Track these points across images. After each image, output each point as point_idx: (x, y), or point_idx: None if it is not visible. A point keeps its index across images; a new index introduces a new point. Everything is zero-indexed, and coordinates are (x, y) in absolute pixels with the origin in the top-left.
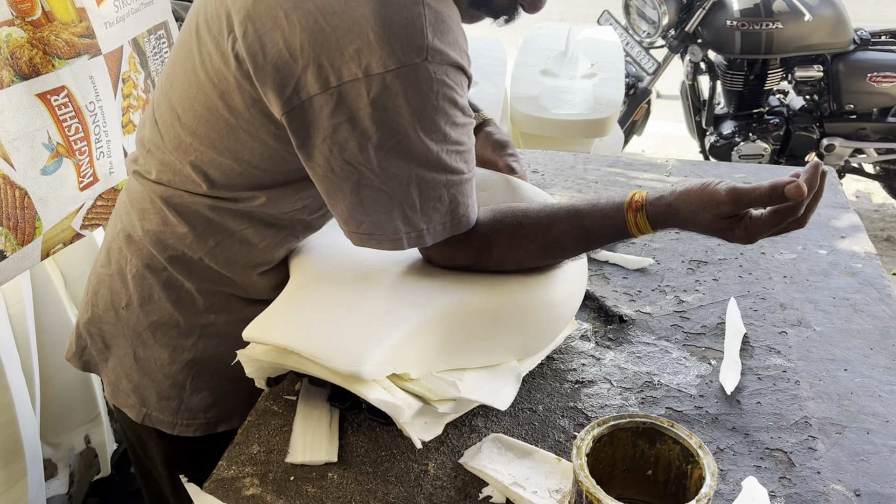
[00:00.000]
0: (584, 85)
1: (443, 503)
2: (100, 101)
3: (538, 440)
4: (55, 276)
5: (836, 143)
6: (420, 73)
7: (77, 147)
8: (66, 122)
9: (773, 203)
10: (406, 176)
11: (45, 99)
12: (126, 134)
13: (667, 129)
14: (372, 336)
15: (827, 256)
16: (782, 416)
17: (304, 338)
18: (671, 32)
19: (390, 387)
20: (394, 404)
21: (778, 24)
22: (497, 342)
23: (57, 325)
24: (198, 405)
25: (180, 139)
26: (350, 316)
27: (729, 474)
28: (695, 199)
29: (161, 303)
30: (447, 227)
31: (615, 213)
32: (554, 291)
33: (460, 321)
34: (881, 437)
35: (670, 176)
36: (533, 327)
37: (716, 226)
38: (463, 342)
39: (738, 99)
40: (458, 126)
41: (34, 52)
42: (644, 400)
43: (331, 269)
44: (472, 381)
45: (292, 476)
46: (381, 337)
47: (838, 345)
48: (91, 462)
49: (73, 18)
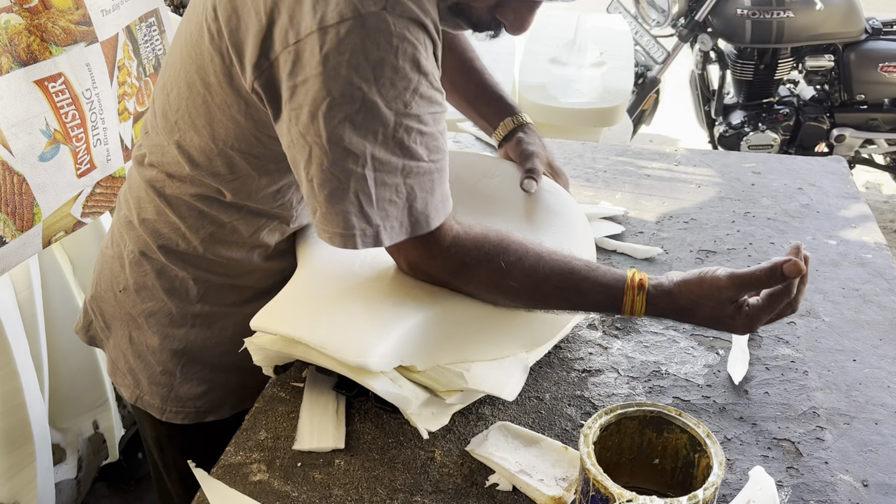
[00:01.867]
0: (592, 74)
1: (449, 490)
2: (96, 88)
3: (545, 428)
4: (63, 262)
5: (847, 133)
6: (378, 23)
7: (74, 134)
8: (64, 108)
9: (772, 283)
10: (360, 155)
11: (42, 86)
12: (122, 121)
13: (676, 118)
14: (379, 327)
15: (836, 247)
16: (790, 406)
17: (311, 328)
18: (681, 21)
19: (397, 377)
20: (401, 395)
21: (789, 12)
22: (504, 333)
23: (65, 311)
24: (187, 394)
25: (167, 117)
26: (357, 306)
27: (736, 464)
28: (695, 287)
29: (155, 290)
30: (404, 226)
31: (614, 287)
32: None
33: (468, 313)
34: (889, 427)
35: (678, 165)
36: (540, 317)
37: (719, 313)
38: (471, 334)
39: (747, 88)
40: (422, 99)
41: (32, 38)
42: (651, 389)
43: (340, 258)
44: (479, 371)
45: (299, 462)
46: (388, 328)
47: (847, 335)
48: (99, 447)
49: (69, 6)
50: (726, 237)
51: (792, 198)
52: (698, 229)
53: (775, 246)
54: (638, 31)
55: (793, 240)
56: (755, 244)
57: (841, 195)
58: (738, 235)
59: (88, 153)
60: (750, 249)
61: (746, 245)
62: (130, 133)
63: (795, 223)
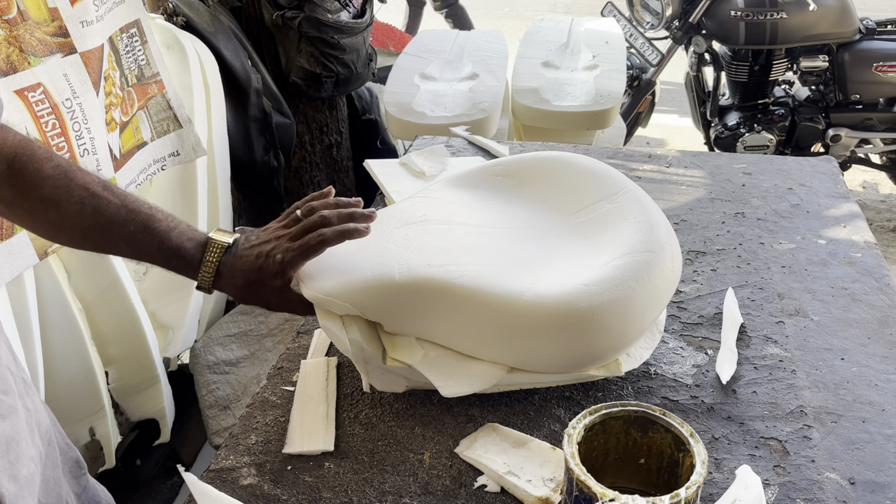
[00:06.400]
0: (585, 77)
1: (438, 492)
2: (77, 98)
3: (533, 429)
4: (58, 271)
5: (842, 133)
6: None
7: (55, 143)
8: (44, 118)
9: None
10: None
11: (22, 95)
12: (110, 131)
13: (672, 120)
14: (344, 274)
15: (826, 246)
16: (778, 405)
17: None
18: (675, 23)
19: (350, 324)
20: (336, 335)
21: (782, 13)
22: (510, 347)
23: (61, 318)
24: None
25: None
26: (352, 258)
27: (723, 463)
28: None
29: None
30: None
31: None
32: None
33: (470, 303)
34: (876, 425)
35: (670, 167)
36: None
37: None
38: (468, 329)
39: (742, 90)
40: None
41: (11, 49)
42: (640, 389)
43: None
44: (443, 360)
45: (289, 466)
46: (350, 277)
47: (836, 334)
48: (96, 454)
49: (45, 18)
50: (716, 238)
51: (782, 198)
52: (688, 230)
53: (765, 246)
54: (632, 34)
55: (783, 240)
56: (745, 244)
57: (831, 195)
58: (728, 236)
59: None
60: (740, 250)
61: (736, 245)
62: (118, 143)
63: (785, 223)
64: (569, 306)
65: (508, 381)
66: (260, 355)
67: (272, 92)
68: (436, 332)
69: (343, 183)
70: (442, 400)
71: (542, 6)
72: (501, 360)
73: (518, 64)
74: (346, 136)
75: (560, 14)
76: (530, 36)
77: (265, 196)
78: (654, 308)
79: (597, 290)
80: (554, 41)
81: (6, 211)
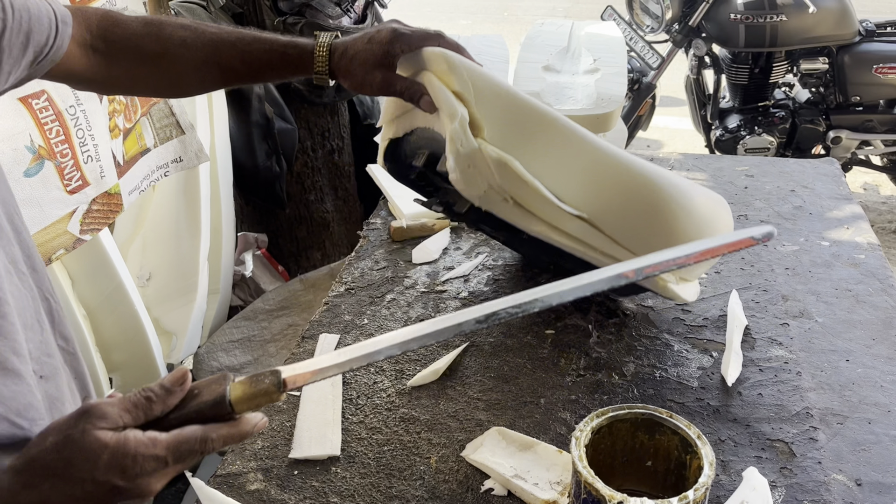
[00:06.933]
0: (586, 80)
1: (445, 496)
2: (81, 105)
3: (540, 433)
4: (62, 277)
5: (843, 135)
6: None
7: (58, 150)
8: (48, 125)
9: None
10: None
11: (26, 103)
12: (113, 138)
13: (673, 123)
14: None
15: (829, 248)
16: (783, 407)
17: None
18: (675, 27)
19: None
20: (446, 98)
21: (782, 16)
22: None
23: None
24: None
25: None
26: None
27: (730, 465)
28: None
29: None
30: None
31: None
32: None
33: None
34: (882, 426)
35: (672, 170)
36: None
37: None
38: (566, 163)
39: (743, 92)
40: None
41: None
42: (646, 392)
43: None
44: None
45: (296, 471)
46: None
47: (840, 336)
48: None
49: None
50: None
51: (785, 200)
52: None
53: (768, 248)
54: (632, 38)
55: (787, 242)
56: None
57: (833, 196)
58: None
59: (78, 169)
60: (743, 252)
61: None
62: (122, 149)
63: (788, 225)
64: (660, 176)
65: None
66: (263, 361)
67: (274, 98)
68: (536, 162)
69: (345, 188)
70: (447, 404)
71: (541, 10)
72: (583, 206)
73: (519, 68)
74: (348, 141)
75: (559, 18)
76: (531, 40)
77: (268, 201)
78: (713, 222)
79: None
80: (555, 45)
81: (129, 85)
